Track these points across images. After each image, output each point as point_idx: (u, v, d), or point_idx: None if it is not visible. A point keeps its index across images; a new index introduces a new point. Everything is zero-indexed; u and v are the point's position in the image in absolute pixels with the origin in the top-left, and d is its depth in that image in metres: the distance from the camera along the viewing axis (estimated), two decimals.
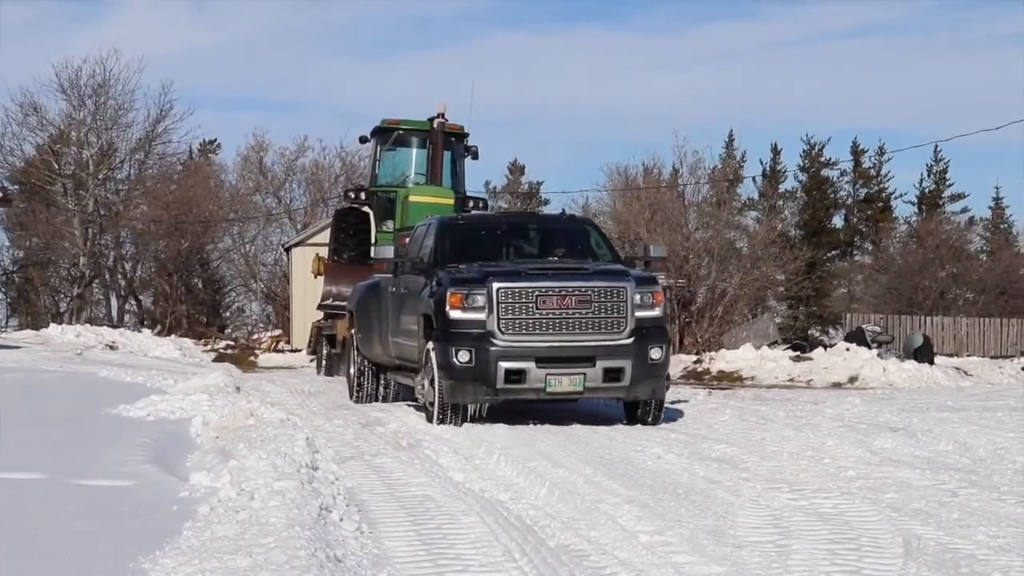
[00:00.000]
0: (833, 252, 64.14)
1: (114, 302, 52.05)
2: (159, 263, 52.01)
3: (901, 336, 34.61)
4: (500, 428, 13.75)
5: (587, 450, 12.25)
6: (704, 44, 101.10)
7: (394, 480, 10.58)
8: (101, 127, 49.70)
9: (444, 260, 15.23)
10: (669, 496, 9.69)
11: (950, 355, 35.56)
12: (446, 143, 25.51)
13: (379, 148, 26.69)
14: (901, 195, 68.06)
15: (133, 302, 53.11)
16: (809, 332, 53.07)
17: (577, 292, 14.19)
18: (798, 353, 29.62)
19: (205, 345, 35.63)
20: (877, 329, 32.90)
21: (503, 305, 14.04)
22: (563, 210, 20.06)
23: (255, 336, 43.31)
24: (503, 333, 14.05)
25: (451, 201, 23.82)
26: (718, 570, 7.22)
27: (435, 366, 14.21)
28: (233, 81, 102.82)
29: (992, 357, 36.04)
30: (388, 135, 26.42)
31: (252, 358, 32.97)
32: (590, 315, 14.19)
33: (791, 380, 26.12)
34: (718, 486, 10.18)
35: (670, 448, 12.42)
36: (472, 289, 14.16)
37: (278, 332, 41.30)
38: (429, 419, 14.47)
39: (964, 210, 66.72)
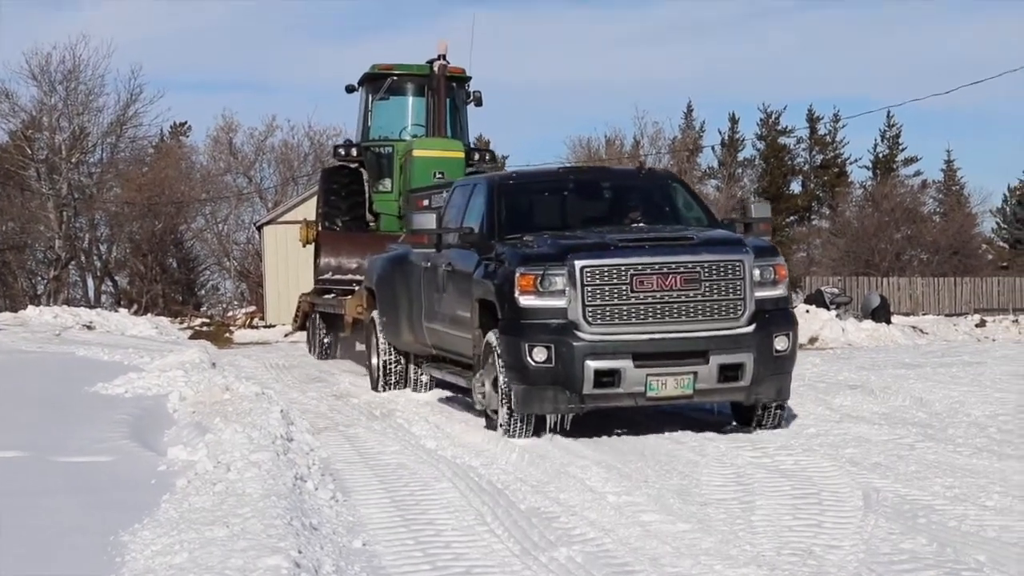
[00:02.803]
0: (792, 217, 64.72)
1: (90, 283, 51.97)
2: (134, 244, 52.01)
3: (859, 297, 34.96)
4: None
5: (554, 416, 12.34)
6: (662, 17, 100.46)
7: (368, 449, 10.76)
8: (72, 112, 49.57)
9: (501, 230, 12.37)
10: (636, 457, 9.90)
11: (906, 314, 36.01)
12: (447, 89, 22.46)
13: (369, 98, 23.39)
14: (856, 160, 68.52)
15: (109, 283, 53.04)
16: None
17: (683, 269, 11.15)
18: None
19: (181, 323, 35.53)
20: (835, 291, 33.18)
21: (589, 288, 11.02)
22: (640, 163, 16.68)
23: (230, 313, 43.34)
24: (590, 324, 11.03)
25: (461, 154, 21.44)
26: (684, 527, 7.41)
27: (502, 366, 11.33)
28: (202, 64, 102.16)
29: (947, 315, 36.59)
30: (380, 82, 23.11)
31: (227, 335, 32.89)
32: (700, 298, 11.17)
33: None
34: (683, 447, 10.39)
35: (635, 411, 12.41)
36: (548, 269, 11.15)
37: (252, 309, 41.35)
38: (492, 428, 11.70)
39: (917, 173, 67.12)
